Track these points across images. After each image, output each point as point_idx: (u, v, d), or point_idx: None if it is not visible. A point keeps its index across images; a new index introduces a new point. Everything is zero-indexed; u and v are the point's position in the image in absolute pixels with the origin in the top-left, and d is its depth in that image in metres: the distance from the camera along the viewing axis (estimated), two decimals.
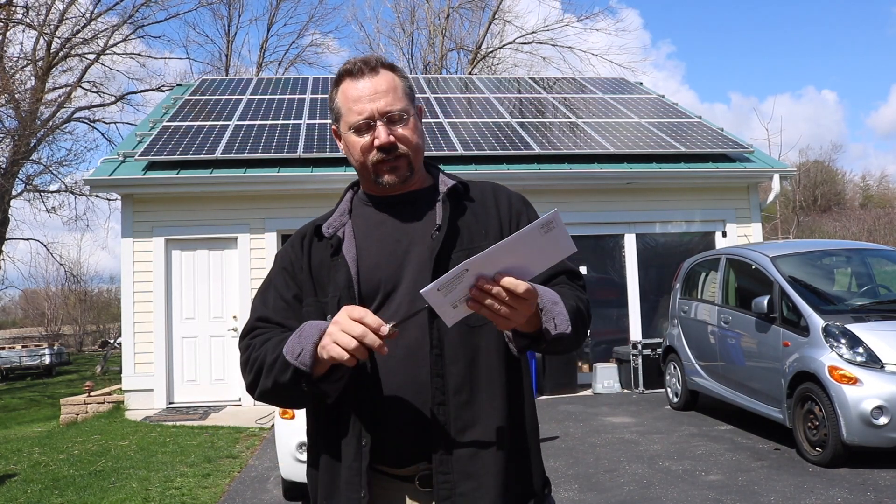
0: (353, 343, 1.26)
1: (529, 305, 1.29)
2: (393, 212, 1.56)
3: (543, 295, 1.38)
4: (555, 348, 1.44)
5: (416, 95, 1.64)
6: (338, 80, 1.56)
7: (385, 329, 1.26)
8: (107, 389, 10.58)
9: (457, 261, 1.43)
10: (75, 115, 23.11)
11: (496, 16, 25.44)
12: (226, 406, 9.18)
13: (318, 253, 1.54)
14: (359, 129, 1.51)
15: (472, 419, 1.42)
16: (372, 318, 1.28)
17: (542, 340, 1.40)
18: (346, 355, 1.28)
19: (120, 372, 10.06)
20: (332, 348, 1.29)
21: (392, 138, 1.49)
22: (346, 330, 1.28)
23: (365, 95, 1.50)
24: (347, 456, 1.43)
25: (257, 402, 9.16)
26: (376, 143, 1.49)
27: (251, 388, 1.48)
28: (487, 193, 1.60)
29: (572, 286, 1.55)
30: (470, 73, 23.29)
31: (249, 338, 1.51)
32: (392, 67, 1.56)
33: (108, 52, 22.87)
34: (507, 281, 1.25)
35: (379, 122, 1.49)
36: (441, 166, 1.69)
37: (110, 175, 9.25)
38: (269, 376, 1.41)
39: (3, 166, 18.98)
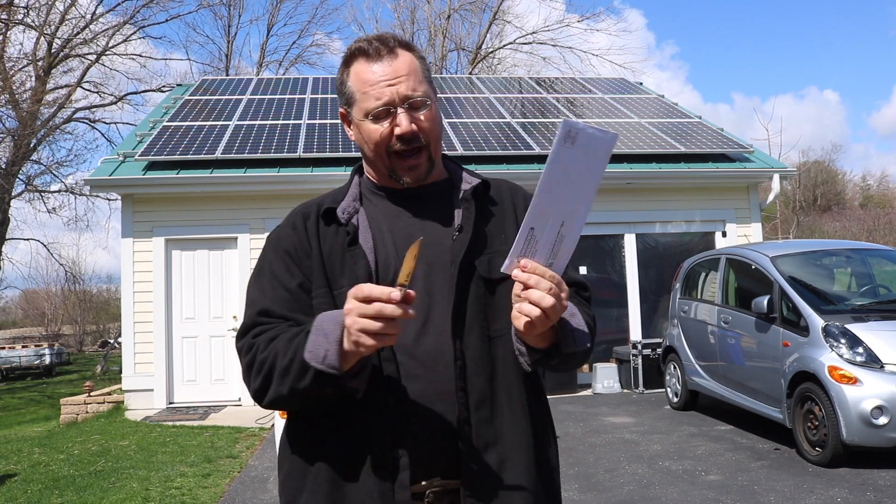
0: (378, 324, 1.13)
1: (564, 295, 1.22)
2: (407, 205, 1.44)
3: None
4: (564, 366, 1.37)
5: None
6: (348, 60, 1.41)
7: (396, 294, 1.14)
8: (107, 389, 10.58)
9: (481, 266, 1.38)
10: (75, 116, 23.15)
11: (496, 16, 25.48)
12: (226, 406, 9.18)
13: (330, 239, 1.40)
14: (377, 116, 1.36)
15: (494, 436, 1.33)
16: (378, 289, 1.14)
17: (555, 355, 1.32)
18: (377, 342, 1.15)
19: (120, 372, 10.07)
20: (363, 339, 1.15)
21: (414, 127, 1.36)
22: (363, 314, 1.14)
23: (384, 79, 1.36)
24: (377, 468, 1.28)
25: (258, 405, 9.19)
26: (397, 131, 1.36)
27: (259, 395, 1.31)
28: (504, 194, 1.50)
29: (579, 300, 1.45)
30: (470, 74, 23.28)
31: (251, 336, 1.33)
32: (409, 47, 1.42)
33: (108, 52, 22.89)
34: (532, 266, 1.20)
35: (400, 109, 1.36)
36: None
37: (110, 175, 9.26)
38: (283, 382, 1.25)
39: (4, 166, 18.98)
